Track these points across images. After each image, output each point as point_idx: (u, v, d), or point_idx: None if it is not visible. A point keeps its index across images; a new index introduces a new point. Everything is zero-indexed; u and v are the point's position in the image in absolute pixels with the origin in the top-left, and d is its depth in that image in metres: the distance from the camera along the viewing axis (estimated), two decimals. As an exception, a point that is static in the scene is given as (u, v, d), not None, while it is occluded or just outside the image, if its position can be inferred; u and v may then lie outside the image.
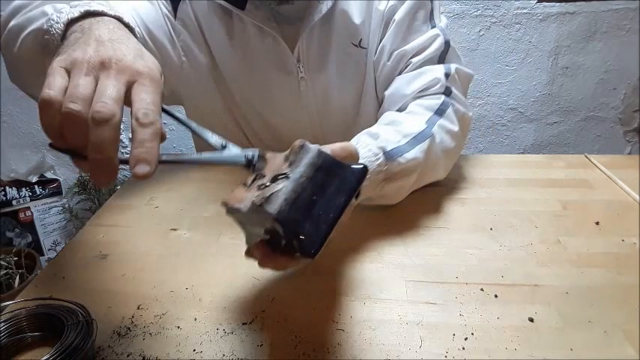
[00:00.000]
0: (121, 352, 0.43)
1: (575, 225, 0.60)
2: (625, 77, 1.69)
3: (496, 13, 1.61)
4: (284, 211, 0.36)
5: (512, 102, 1.75)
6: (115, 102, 0.34)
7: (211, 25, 0.71)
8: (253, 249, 0.42)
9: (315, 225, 0.37)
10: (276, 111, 0.79)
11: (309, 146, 0.40)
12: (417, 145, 0.59)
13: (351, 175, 0.40)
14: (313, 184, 0.38)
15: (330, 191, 0.38)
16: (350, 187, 0.39)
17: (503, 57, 1.68)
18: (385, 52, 0.72)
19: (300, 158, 0.39)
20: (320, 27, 0.71)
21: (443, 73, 0.68)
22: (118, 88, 0.35)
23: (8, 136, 1.80)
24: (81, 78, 0.35)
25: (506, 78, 1.71)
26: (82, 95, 0.34)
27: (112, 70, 0.36)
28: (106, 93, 0.34)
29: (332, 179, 0.39)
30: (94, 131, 0.33)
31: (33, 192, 1.79)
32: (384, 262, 0.54)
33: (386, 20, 0.72)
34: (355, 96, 0.79)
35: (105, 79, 0.35)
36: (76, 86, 0.34)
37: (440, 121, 0.64)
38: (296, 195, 0.37)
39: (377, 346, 0.43)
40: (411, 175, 0.59)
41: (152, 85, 0.36)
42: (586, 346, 0.42)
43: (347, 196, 0.39)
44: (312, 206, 0.37)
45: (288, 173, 0.38)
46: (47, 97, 0.34)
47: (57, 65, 0.36)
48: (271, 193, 0.37)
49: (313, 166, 0.39)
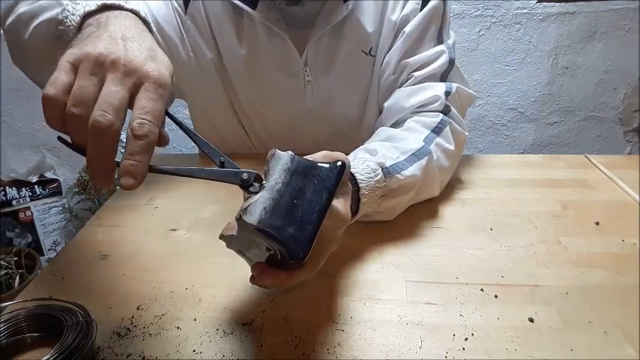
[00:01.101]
0: (121, 352, 0.43)
1: (575, 225, 0.60)
2: (625, 77, 1.69)
3: (496, 13, 1.61)
4: (264, 220, 0.36)
5: (512, 102, 1.75)
6: (116, 111, 0.34)
7: (221, 23, 0.71)
8: (251, 268, 0.41)
9: (299, 228, 0.36)
10: (278, 112, 0.79)
11: (280, 153, 0.39)
12: (415, 162, 0.59)
13: (328, 171, 0.39)
14: (291, 188, 0.38)
15: (309, 193, 0.38)
16: (330, 183, 0.39)
17: (503, 57, 1.68)
18: (391, 63, 0.72)
19: (273, 166, 0.39)
20: (330, 33, 0.71)
21: (443, 92, 0.67)
22: (122, 95, 0.34)
23: (8, 136, 1.80)
24: (86, 78, 0.35)
25: (506, 78, 1.71)
26: (85, 98, 0.34)
27: (119, 72, 0.35)
28: (107, 100, 0.34)
29: (310, 180, 0.38)
30: (93, 139, 0.33)
31: (33, 192, 1.79)
32: (384, 263, 0.54)
33: (396, 31, 0.72)
34: (360, 103, 0.79)
35: (110, 82, 0.35)
36: (81, 88, 0.34)
37: (437, 139, 0.64)
38: (274, 202, 0.37)
39: (377, 346, 0.43)
40: (408, 192, 0.59)
41: (157, 92, 0.36)
42: (586, 347, 0.42)
43: (328, 194, 0.38)
44: (293, 209, 0.37)
45: (264, 183, 0.38)
46: (50, 95, 0.34)
47: (65, 60, 0.36)
48: (249, 204, 0.36)
49: (288, 171, 0.38)
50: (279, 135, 0.82)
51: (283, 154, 0.39)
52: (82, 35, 0.40)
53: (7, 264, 1.40)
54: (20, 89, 1.73)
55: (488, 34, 1.64)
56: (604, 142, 1.80)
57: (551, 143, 1.82)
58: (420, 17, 0.70)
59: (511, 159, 0.81)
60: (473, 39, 1.65)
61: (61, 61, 0.36)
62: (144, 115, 0.34)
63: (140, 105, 0.34)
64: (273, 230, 0.36)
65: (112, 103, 0.34)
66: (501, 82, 1.72)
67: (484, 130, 1.81)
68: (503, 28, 1.63)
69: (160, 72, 0.36)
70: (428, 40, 0.71)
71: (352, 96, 0.78)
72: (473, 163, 0.78)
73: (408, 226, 0.60)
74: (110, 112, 0.33)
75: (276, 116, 0.80)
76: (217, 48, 0.73)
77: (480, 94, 1.74)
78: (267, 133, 0.82)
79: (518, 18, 1.61)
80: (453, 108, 0.68)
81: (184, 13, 0.71)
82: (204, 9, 0.71)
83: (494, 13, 1.61)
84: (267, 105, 0.78)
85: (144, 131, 0.33)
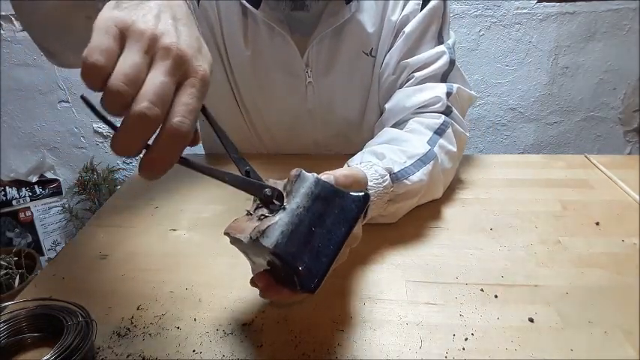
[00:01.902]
0: (121, 352, 0.43)
1: (575, 225, 0.60)
2: (625, 77, 1.69)
3: (496, 13, 1.61)
4: (281, 244, 0.35)
5: (512, 102, 1.75)
6: (164, 104, 0.31)
7: (230, 23, 0.71)
8: (256, 279, 0.41)
9: (314, 258, 0.35)
10: (279, 113, 0.79)
11: (305, 175, 0.38)
12: (422, 167, 0.59)
13: (351, 203, 0.38)
14: (311, 214, 0.37)
15: (329, 221, 0.37)
16: (351, 216, 0.38)
17: (503, 57, 1.68)
18: (391, 63, 0.72)
19: (297, 188, 0.37)
20: (332, 34, 0.71)
21: (444, 92, 0.67)
22: (172, 88, 0.32)
23: (8, 136, 1.80)
24: (138, 55, 0.31)
25: (506, 78, 1.71)
26: (137, 79, 0.31)
27: (171, 60, 0.32)
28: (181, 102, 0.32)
29: (331, 209, 0.37)
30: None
31: (33, 192, 1.79)
32: (384, 263, 0.54)
33: (397, 31, 0.72)
34: (360, 104, 0.78)
35: (161, 70, 0.32)
36: (132, 66, 0.31)
37: (440, 141, 0.64)
38: (293, 227, 0.36)
39: (377, 346, 0.43)
40: (414, 197, 0.59)
41: (201, 91, 0.34)
42: (586, 347, 0.42)
43: (348, 227, 0.37)
44: (310, 238, 0.36)
45: (285, 204, 0.37)
46: (97, 64, 0.30)
47: (111, 23, 0.32)
48: (267, 225, 0.36)
49: (311, 196, 0.37)
50: (279, 135, 0.82)
51: (309, 176, 0.38)
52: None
53: (7, 264, 1.40)
54: (20, 89, 1.73)
55: (488, 34, 1.64)
56: (604, 142, 1.80)
57: (551, 143, 1.82)
58: (420, 17, 0.70)
59: (511, 159, 0.81)
60: (473, 39, 1.65)
61: (105, 22, 0.32)
62: (186, 113, 0.32)
63: (184, 101, 0.32)
64: (288, 256, 0.35)
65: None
66: (501, 82, 1.72)
67: (484, 130, 1.81)
68: (503, 28, 1.63)
69: (204, 70, 0.34)
70: (428, 41, 0.71)
71: (353, 97, 0.78)
72: (473, 163, 0.78)
73: (408, 226, 0.60)
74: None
75: (277, 117, 0.80)
76: (224, 46, 0.73)
77: (480, 94, 1.74)
78: (268, 133, 0.82)
79: (518, 18, 1.61)
80: (454, 109, 0.68)
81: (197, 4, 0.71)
82: (217, 7, 0.71)
83: (494, 13, 1.61)
84: (268, 105, 0.78)
85: (184, 130, 0.31)
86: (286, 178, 0.39)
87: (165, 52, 0.32)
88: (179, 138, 0.31)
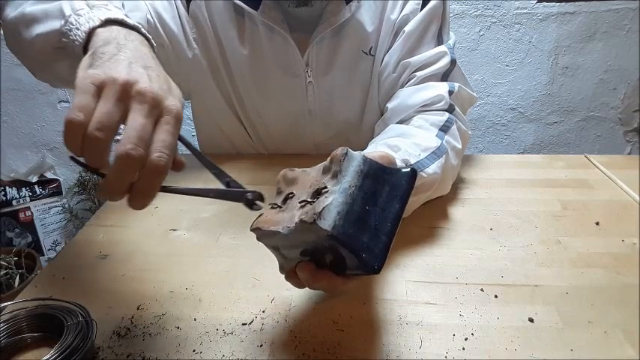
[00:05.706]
0: (121, 352, 0.43)
1: (575, 225, 0.60)
2: (625, 77, 1.69)
3: (496, 13, 1.61)
4: (339, 226, 0.33)
5: (512, 102, 1.75)
6: (145, 144, 0.34)
7: (224, 23, 0.71)
8: (298, 269, 0.39)
9: (373, 237, 0.34)
10: (279, 113, 0.79)
11: (353, 153, 0.37)
12: (435, 160, 0.58)
13: (400, 178, 0.37)
14: (363, 193, 0.35)
15: (382, 199, 0.36)
16: (402, 192, 0.37)
17: (503, 57, 1.68)
18: (391, 62, 0.72)
19: (346, 167, 0.36)
20: (332, 33, 0.71)
21: (446, 91, 0.67)
22: (150, 128, 0.35)
23: (8, 136, 1.80)
24: (113, 104, 0.35)
25: (506, 78, 1.71)
26: (111, 124, 0.34)
27: (146, 104, 0.36)
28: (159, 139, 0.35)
29: (381, 186, 0.36)
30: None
31: (33, 192, 1.79)
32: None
33: (396, 30, 0.72)
34: (360, 104, 0.78)
35: (140, 114, 0.35)
36: (107, 113, 0.34)
37: (446, 137, 0.64)
38: (348, 207, 0.34)
39: (377, 346, 0.43)
40: (428, 190, 0.59)
41: (175, 126, 0.37)
42: (586, 347, 0.42)
43: (402, 203, 0.36)
44: (366, 217, 0.35)
45: (334, 185, 0.36)
46: (75, 120, 0.34)
47: (89, 81, 0.35)
48: (322, 207, 0.34)
49: (360, 174, 0.36)
50: (279, 136, 0.82)
51: (356, 154, 0.37)
52: (99, 54, 0.39)
53: (7, 264, 1.39)
54: (20, 89, 1.73)
55: (489, 34, 1.64)
56: (604, 142, 1.80)
57: (551, 143, 1.82)
58: (420, 17, 0.70)
59: (511, 159, 0.81)
60: (473, 39, 1.65)
61: (84, 82, 0.35)
62: (164, 148, 0.35)
63: (161, 138, 0.36)
64: (348, 239, 0.33)
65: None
66: (501, 82, 1.72)
67: (484, 130, 1.81)
68: (503, 28, 1.63)
69: (177, 107, 0.38)
70: (428, 40, 0.71)
71: (352, 96, 0.77)
72: (473, 163, 0.78)
73: (408, 226, 0.60)
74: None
75: (277, 117, 0.80)
76: (219, 47, 0.73)
77: (480, 94, 1.74)
78: (267, 133, 0.82)
79: (518, 18, 1.61)
80: (457, 107, 0.68)
81: (186, 11, 0.71)
82: (207, 8, 0.71)
83: (494, 13, 1.61)
84: (268, 105, 0.78)
85: (162, 164, 0.35)
86: (328, 159, 0.38)
87: (141, 96, 0.36)
88: (159, 171, 0.35)
